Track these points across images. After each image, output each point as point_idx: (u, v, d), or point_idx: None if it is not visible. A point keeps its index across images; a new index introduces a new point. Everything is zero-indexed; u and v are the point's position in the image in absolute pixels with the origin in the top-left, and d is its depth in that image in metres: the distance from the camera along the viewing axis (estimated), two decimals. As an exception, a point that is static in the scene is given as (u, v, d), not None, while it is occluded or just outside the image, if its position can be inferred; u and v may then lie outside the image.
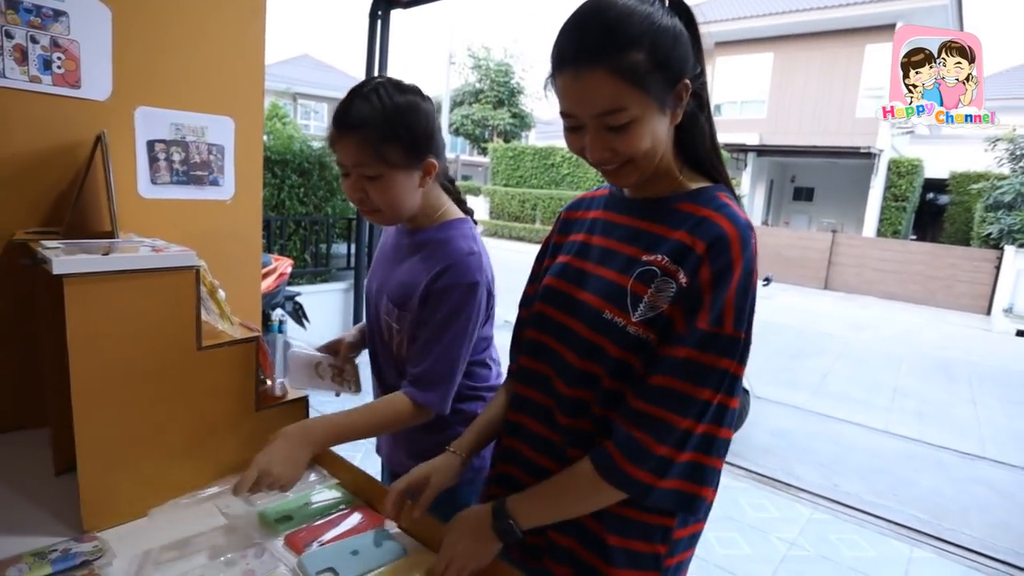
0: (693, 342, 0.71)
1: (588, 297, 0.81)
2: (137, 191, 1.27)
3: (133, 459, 0.89)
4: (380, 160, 0.97)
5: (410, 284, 1.05)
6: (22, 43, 1.09)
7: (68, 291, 0.78)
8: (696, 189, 0.80)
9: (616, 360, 0.76)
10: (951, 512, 3.13)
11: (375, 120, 0.96)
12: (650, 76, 0.70)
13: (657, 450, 0.72)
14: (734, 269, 0.71)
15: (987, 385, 5.95)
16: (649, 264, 0.76)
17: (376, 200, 1.01)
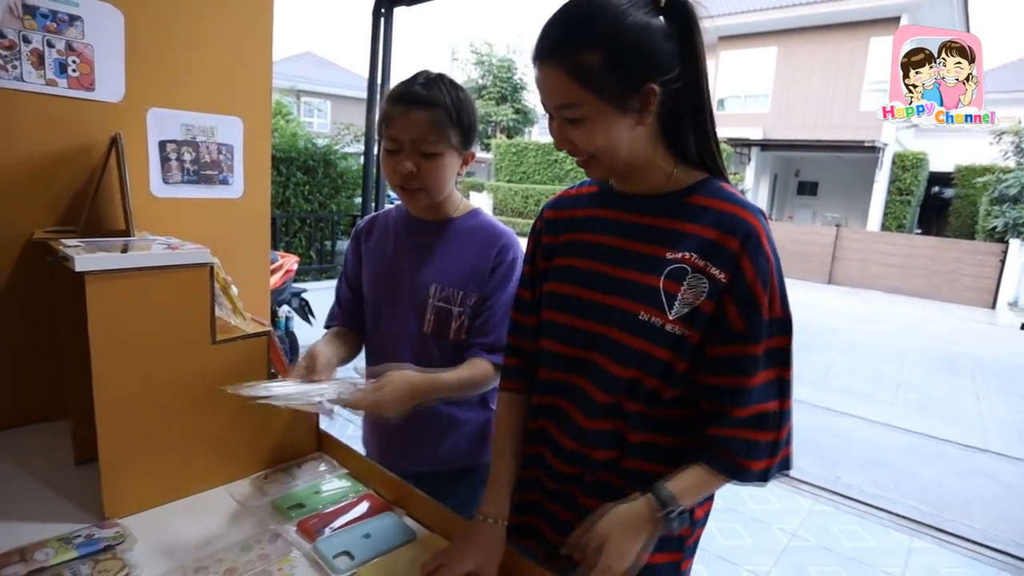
0: (764, 333, 0.75)
1: (617, 301, 0.80)
2: (150, 190, 1.30)
3: (151, 449, 0.92)
4: (443, 139, 1.05)
5: (470, 265, 1.13)
6: (39, 47, 1.12)
7: (89, 288, 0.82)
8: (696, 182, 0.81)
9: (657, 360, 0.77)
10: (952, 504, 3.15)
11: (447, 103, 1.05)
12: (604, 78, 0.71)
13: (766, 438, 0.77)
14: (769, 257, 0.75)
15: (991, 379, 5.95)
16: (678, 261, 0.77)
17: (425, 177, 1.07)
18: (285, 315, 3.76)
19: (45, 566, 0.76)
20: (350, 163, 5.33)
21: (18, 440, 1.12)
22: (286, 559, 0.81)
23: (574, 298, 0.84)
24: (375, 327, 1.20)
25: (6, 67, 1.09)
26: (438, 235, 1.16)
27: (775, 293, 0.76)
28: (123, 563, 0.78)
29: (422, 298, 1.12)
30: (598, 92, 0.72)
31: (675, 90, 0.76)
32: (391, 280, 1.17)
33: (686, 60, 0.76)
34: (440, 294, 1.12)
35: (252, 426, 1.04)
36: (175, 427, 0.94)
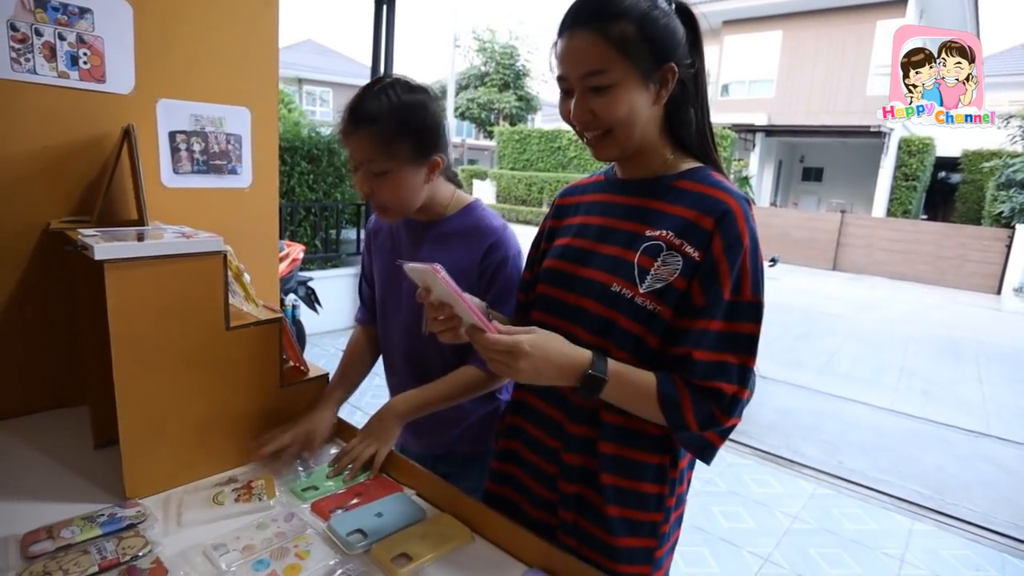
0: (724, 312, 0.77)
1: (594, 273, 0.85)
2: (160, 180, 1.33)
3: (169, 432, 0.95)
4: (389, 156, 1.01)
5: (459, 268, 1.07)
6: (51, 40, 1.14)
7: (109, 276, 0.84)
8: (688, 168, 0.85)
9: (625, 331, 0.81)
10: (953, 488, 3.19)
11: (386, 117, 0.99)
12: (636, 46, 0.76)
13: (714, 412, 0.78)
14: (743, 240, 0.77)
15: (995, 364, 5.96)
16: (654, 239, 0.81)
17: (382, 195, 1.05)
18: (292, 303, 3.80)
19: (72, 543, 0.80)
20: (354, 152, 5.33)
21: (39, 425, 1.16)
22: (301, 536, 0.84)
23: (561, 272, 0.90)
24: (382, 324, 1.24)
25: (19, 60, 1.10)
26: (431, 237, 1.14)
27: (745, 276, 0.77)
28: (146, 540, 0.81)
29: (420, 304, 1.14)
30: (630, 58, 0.76)
31: (681, 81, 0.81)
32: (393, 280, 1.20)
33: (698, 60, 0.83)
34: None
35: (264, 411, 1.07)
36: (192, 411, 0.97)
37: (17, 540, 0.79)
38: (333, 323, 5.00)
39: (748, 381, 0.79)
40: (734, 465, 3.18)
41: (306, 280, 4.06)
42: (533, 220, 16.29)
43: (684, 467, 0.90)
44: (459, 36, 20.41)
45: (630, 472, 0.85)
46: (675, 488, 0.88)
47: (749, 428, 3.69)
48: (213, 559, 0.78)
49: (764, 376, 3.88)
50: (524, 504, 0.96)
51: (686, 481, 0.92)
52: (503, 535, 0.86)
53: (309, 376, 1.14)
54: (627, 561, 0.86)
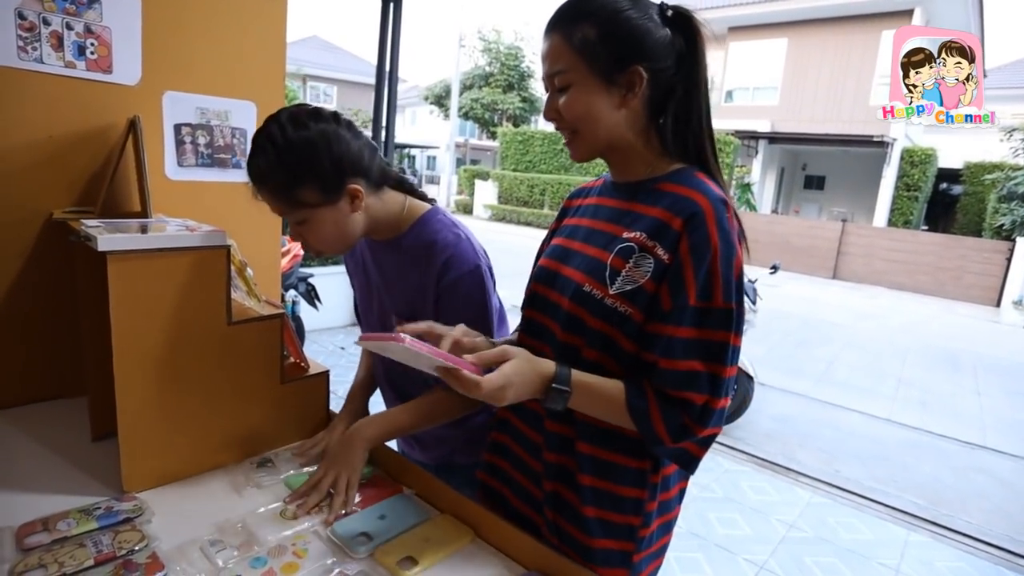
0: (690, 319, 0.75)
1: (571, 272, 0.86)
2: (164, 173, 1.32)
3: (167, 426, 0.95)
4: (298, 206, 0.95)
5: (416, 292, 1.05)
6: (58, 30, 1.13)
7: (111, 267, 0.84)
8: (674, 170, 0.84)
9: (594, 331, 0.81)
10: (949, 499, 3.18)
11: (273, 170, 0.93)
12: (595, 48, 0.78)
13: (686, 422, 0.77)
14: (712, 242, 0.74)
15: (992, 376, 5.97)
16: (628, 240, 0.81)
17: (313, 242, 1.00)
18: (292, 300, 3.79)
19: (68, 535, 0.79)
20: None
21: (36, 416, 1.15)
22: (300, 535, 0.84)
23: (547, 269, 0.91)
24: (372, 353, 1.23)
25: (26, 48, 1.10)
26: (388, 258, 1.09)
27: (715, 281, 0.74)
28: (142, 534, 0.81)
29: (389, 326, 1.12)
30: (588, 60, 0.79)
31: (670, 87, 0.81)
32: (368, 309, 1.19)
33: (688, 64, 0.82)
34: (398, 325, 1.09)
35: (266, 406, 1.06)
36: (191, 405, 0.97)
37: (12, 532, 0.79)
38: (333, 320, 4.99)
39: (721, 390, 0.76)
40: (731, 471, 3.18)
41: (307, 276, 4.05)
42: (534, 222, 16.29)
43: (671, 474, 0.89)
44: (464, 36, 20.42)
45: (607, 474, 0.84)
46: (657, 493, 0.86)
47: (746, 435, 3.68)
48: (210, 555, 0.78)
49: (762, 383, 3.88)
50: (512, 499, 0.97)
51: (675, 488, 0.91)
52: (501, 537, 0.86)
53: (309, 373, 1.14)
54: (603, 563, 0.86)
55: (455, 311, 1.01)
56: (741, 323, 0.77)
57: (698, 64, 0.81)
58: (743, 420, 3.74)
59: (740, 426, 3.74)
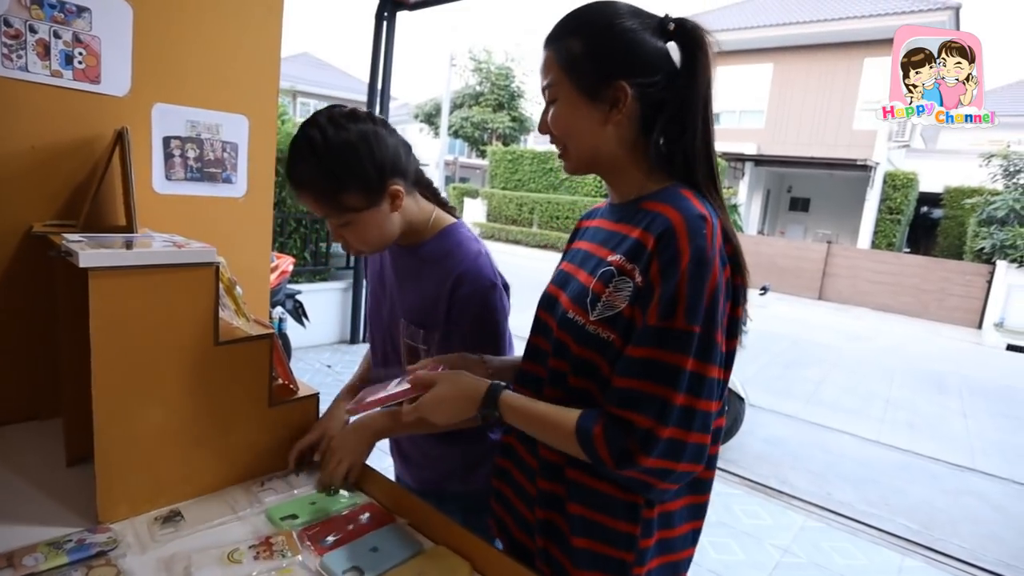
0: (646, 340, 0.71)
1: (563, 298, 0.85)
2: (152, 187, 1.28)
3: (148, 451, 0.90)
4: (341, 210, 0.95)
5: (428, 300, 1.03)
6: (45, 38, 1.10)
7: (93, 284, 0.79)
8: (660, 189, 0.80)
9: (576, 357, 0.79)
10: (942, 522, 3.17)
11: (319, 176, 0.93)
12: (579, 63, 0.78)
13: (629, 445, 0.71)
14: (681, 259, 0.70)
15: (978, 398, 6.01)
16: (610, 264, 0.78)
17: (354, 243, 1.00)
18: (279, 316, 3.73)
19: (34, 572, 0.74)
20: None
21: (8, 438, 1.09)
22: (286, 569, 0.79)
23: (549, 296, 0.90)
24: (374, 357, 1.20)
25: (11, 56, 1.06)
26: (409, 264, 1.08)
27: (679, 300, 0.69)
28: (117, 569, 0.76)
29: (396, 335, 1.09)
30: (572, 75, 0.79)
31: (662, 102, 0.78)
32: (377, 313, 1.16)
33: (684, 78, 0.79)
34: (407, 331, 1.07)
35: (252, 430, 1.01)
36: (174, 430, 0.92)
37: (-26, 568, 0.73)
38: (320, 337, 4.91)
39: (669, 417, 0.69)
40: (723, 494, 3.14)
41: (294, 293, 3.99)
42: (523, 240, 16.32)
43: (675, 510, 0.82)
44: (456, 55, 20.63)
45: (597, 504, 0.80)
46: (654, 530, 0.80)
47: (739, 457, 3.65)
48: (190, 592, 0.73)
49: (753, 404, 3.86)
50: (512, 526, 0.94)
51: (682, 527, 0.84)
52: (499, 570, 0.82)
53: (299, 395, 1.09)
54: None
55: (463, 324, 1.00)
56: (711, 351, 0.71)
57: (696, 79, 0.78)
58: (735, 442, 3.71)
59: (732, 448, 3.71)
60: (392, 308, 1.11)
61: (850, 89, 14.06)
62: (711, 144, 0.80)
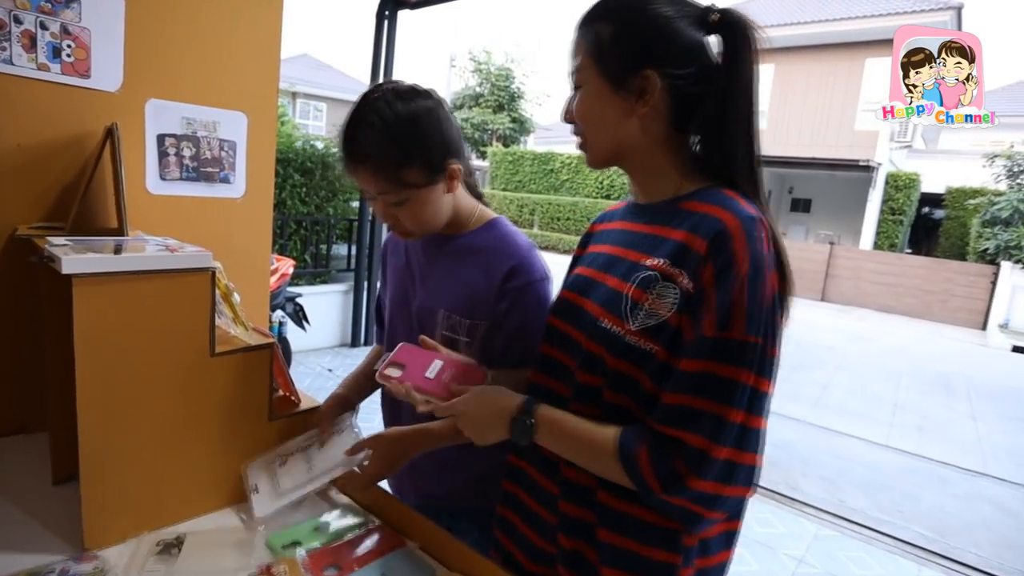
0: (702, 353, 0.65)
1: (590, 306, 0.78)
2: (145, 187, 1.22)
3: (139, 472, 0.83)
4: (400, 185, 0.91)
5: (475, 290, 0.98)
6: (31, 29, 1.03)
7: (77, 292, 0.73)
8: (701, 188, 0.75)
9: (614, 371, 0.72)
10: (956, 530, 3.10)
11: (383, 147, 0.89)
12: (607, 47, 0.73)
13: (678, 467, 0.65)
14: (738, 264, 0.65)
15: (985, 401, 5.94)
16: (650, 269, 0.71)
17: (407, 222, 0.96)
18: (279, 320, 3.66)
19: (14, 607, 0.67)
20: (348, 166, 5.25)
21: (-8, 454, 1.03)
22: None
23: (566, 301, 0.84)
24: (390, 345, 1.11)
25: (-6, 48, 1.00)
26: (447, 253, 1.03)
27: (737, 309, 0.64)
28: (103, 604, 0.69)
29: (431, 326, 1.02)
30: (598, 60, 0.74)
31: (698, 98, 0.73)
32: (404, 304, 1.08)
33: (725, 73, 0.73)
34: (447, 322, 1.00)
35: (252, 447, 0.95)
36: (166, 448, 0.86)
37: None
38: (321, 340, 4.85)
39: (725, 435, 0.64)
40: (733, 501, 3.07)
41: (294, 296, 3.93)
42: (524, 241, 16.25)
43: (713, 538, 0.75)
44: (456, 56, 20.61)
45: (631, 530, 0.73)
46: (693, 558, 0.74)
47: (747, 462, 3.58)
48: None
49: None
50: (521, 559, 0.86)
51: (718, 556, 0.77)
52: None
53: (301, 408, 1.03)
54: None
55: (513, 317, 0.96)
56: (767, 364, 0.66)
57: (738, 75, 0.72)
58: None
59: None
60: (426, 299, 1.04)
61: (852, 90, 14.00)
62: (754, 145, 0.74)
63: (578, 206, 15.57)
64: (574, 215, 15.67)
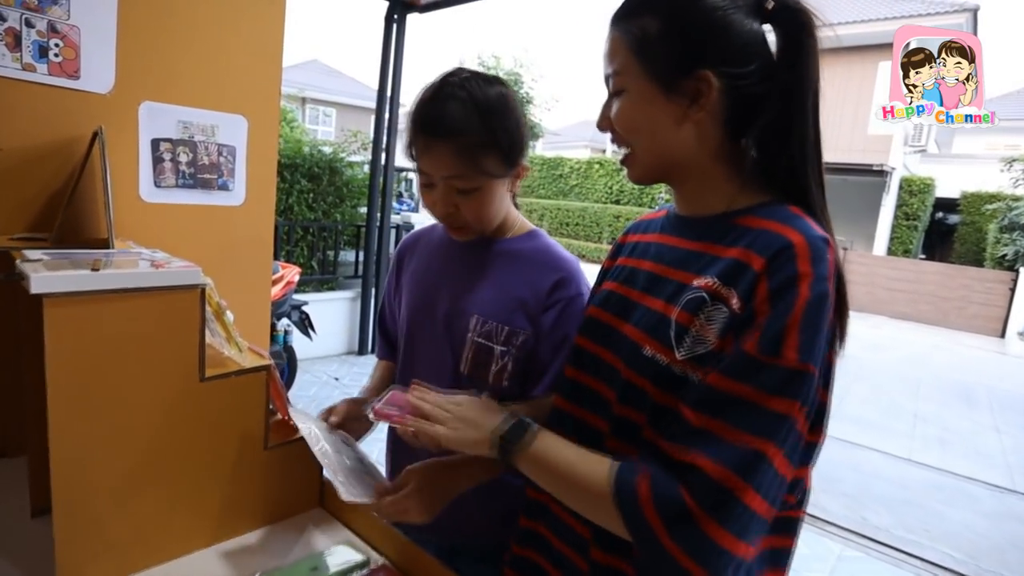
0: (741, 373, 0.56)
1: (630, 330, 0.69)
2: (138, 194, 1.15)
3: (119, 509, 0.76)
4: (477, 171, 0.86)
5: (516, 297, 0.92)
6: (15, 27, 0.97)
7: (48, 313, 0.66)
8: (760, 203, 0.66)
9: (658, 406, 0.63)
10: (986, 550, 2.97)
11: (473, 125, 0.84)
12: (656, 47, 0.64)
13: (683, 495, 0.55)
14: (799, 283, 0.56)
15: (1009, 412, 5.77)
16: (698, 289, 0.63)
17: (468, 214, 0.90)
18: (284, 329, 3.59)
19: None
20: (356, 171, 5.20)
21: (-32, 482, 0.96)
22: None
23: (599, 323, 0.75)
24: (407, 363, 1.03)
25: (-26, 47, 0.94)
26: (486, 257, 0.97)
27: (792, 332, 0.56)
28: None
29: (460, 331, 0.94)
30: (645, 62, 0.65)
31: (757, 100, 0.64)
32: (428, 309, 1.00)
33: (787, 70, 0.64)
34: (481, 328, 0.93)
35: (244, 478, 0.87)
36: (149, 481, 0.78)
37: None
38: (327, 348, 4.79)
39: (752, 474, 0.54)
40: (752, 518, 2.96)
41: (300, 304, 3.87)
42: (533, 246, 16.18)
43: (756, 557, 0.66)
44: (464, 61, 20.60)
45: None
46: None
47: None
48: None
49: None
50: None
51: None
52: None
53: (300, 435, 0.95)
54: None
55: (559, 329, 0.91)
56: (823, 414, 0.60)
57: (803, 72, 0.64)
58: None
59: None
60: (457, 304, 0.97)
61: (864, 93, 13.84)
62: (820, 154, 0.66)
63: (587, 211, 15.47)
64: (583, 220, 15.58)
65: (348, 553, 0.85)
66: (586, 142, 21.13)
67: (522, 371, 0.92)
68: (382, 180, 4.72)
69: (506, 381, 0.92)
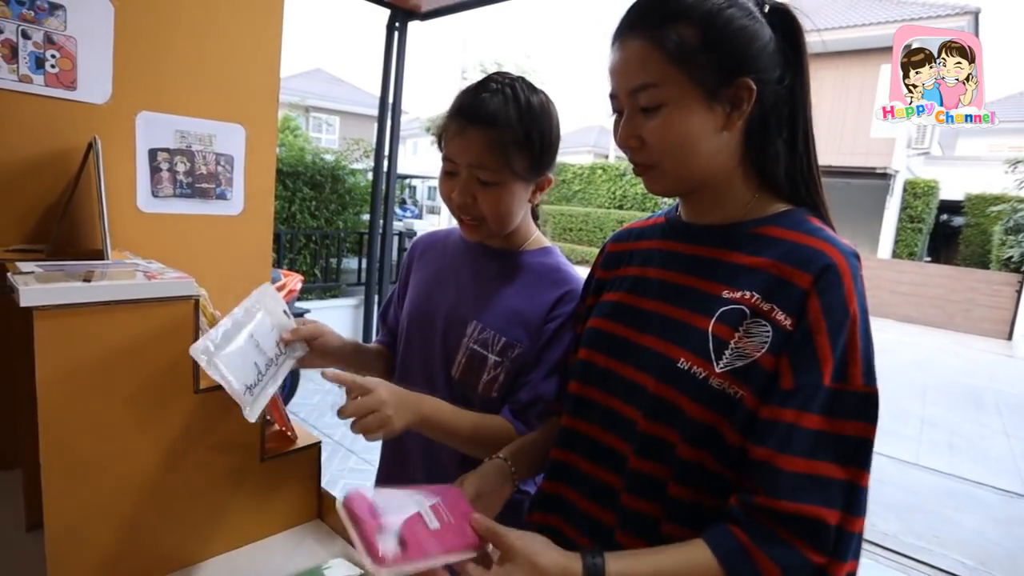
0: (821, 404, 0.57)
1: (654, 342, 0.67)
2: (136, 204, 1.15)
3: (113, 524, 0.75)
4: (505, 166, 0.86)
5: (518, 310, 0.92)
6: (12, 38, 0.97)
7: (38, 326, 0.65)
8: (777, 212, 0.67)
9: (694, 421, 0.62)
10: (998, 557, 2.93)
11: (510, 120, 0.86)
12: (698, 56, 0.62)
13: (808, 554, 0.55)
14: (851, 306, 0.59)
15: (1018, 415, 5.71)
16: (735, 302, 0.62)
17: (484, 209, 0.89)
18: (286, 336, 3.59)
19: None
20: (358, 179, 5.21)
21: (-37, 496, 0.95)
22: None
23: (611, 336, 0.72)
24: (403, 365, 1.03)
25: (-30, 59, 0.94)
26: (495, 266, 0.98)
27: (854, 356, 0.58)
28: None
29: (457, 335, 0.94)
30: (689, 71, 0.62)
31: (769, 102, 0.65)
32: (429, 310, 0.99)
33: (792, 75, 0.66)
34: (478, 335, 0.93)
35: (239, 491, 0.86)
36: (143, 496, 0.77)
37: None
38: (330, 356, 4.78)
39: (860, 505, 0.57)
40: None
41: (302, 312, 3.87)
42: (536, 252, 16.19)
43: None
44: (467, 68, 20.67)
45: None
46: None
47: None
48: None
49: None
50: None
51: None
52: None
53: (297, 445, 0.94)
54: None
55: (557, 347, 0.90)
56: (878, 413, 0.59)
57: (803, 75, 0.65)
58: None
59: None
60: (458, 308, 0.97)
61: (866, 96, 13.81)
62: (817, 156, 0.68)
63: (590, 216, 15.47)
64: (586, 225, 15.58)
65: (346, 567, 0.84)
66: (589, 147, 21.14)
67: (512, 384, 0.91)
68: (385, 187, 4.73)
69: (495, 392, 0.92)
